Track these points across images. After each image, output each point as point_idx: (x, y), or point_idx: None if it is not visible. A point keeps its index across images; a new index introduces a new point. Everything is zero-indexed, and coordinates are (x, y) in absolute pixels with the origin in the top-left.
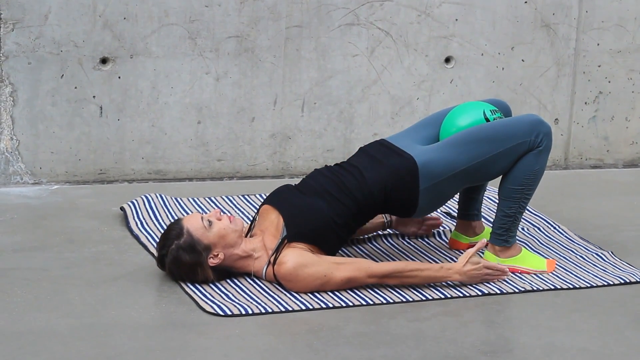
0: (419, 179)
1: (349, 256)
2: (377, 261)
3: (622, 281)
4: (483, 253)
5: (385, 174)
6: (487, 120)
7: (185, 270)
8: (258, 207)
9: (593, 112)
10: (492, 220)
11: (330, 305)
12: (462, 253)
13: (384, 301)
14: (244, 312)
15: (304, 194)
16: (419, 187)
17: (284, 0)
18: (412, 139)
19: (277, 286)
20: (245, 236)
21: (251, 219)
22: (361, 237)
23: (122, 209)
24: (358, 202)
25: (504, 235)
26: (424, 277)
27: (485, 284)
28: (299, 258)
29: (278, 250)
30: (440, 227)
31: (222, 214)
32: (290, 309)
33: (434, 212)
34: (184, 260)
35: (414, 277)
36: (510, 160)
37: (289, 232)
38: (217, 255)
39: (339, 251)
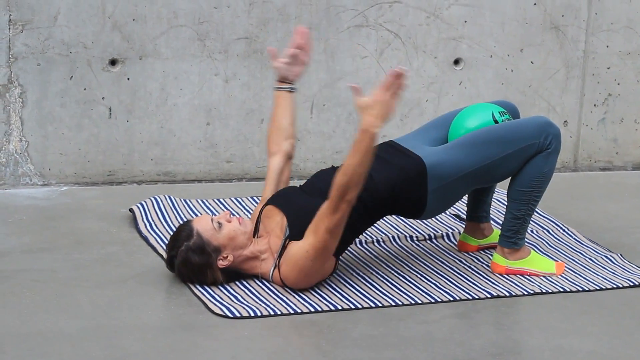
0: (428, 180)
1: (357, 258)
2: (388, 264)
3: (632, 284)
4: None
5: (393, 174)
6: (496, 121)
7: (194, 271)
8: (262, 207)
9: (602, 114)
10: (501, 222)
11: (339, 308)
12: (470, 255)
13: (393, 303)
14: (252, 314)
15: (308, 194)
16: (428, 188)
17: (293, 1)
18: (420, 140)
19: (285, 288)
20: (253, 237)
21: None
22: (370, 239)
23: (131, 210)
24: (364, 202)
25: (513, 238)
26: (359, 159)
27: (495, 286)
28: (288, 255)
29: (281, 253)
30: (449, 230)
31: (231, 215)
32: (298, 311)
33: (443, 214)
34: (193, 261)
35: (355, 169)
36: (519, 162)
37: (292, 232)
38: (227, 257)
39: (346, 252)
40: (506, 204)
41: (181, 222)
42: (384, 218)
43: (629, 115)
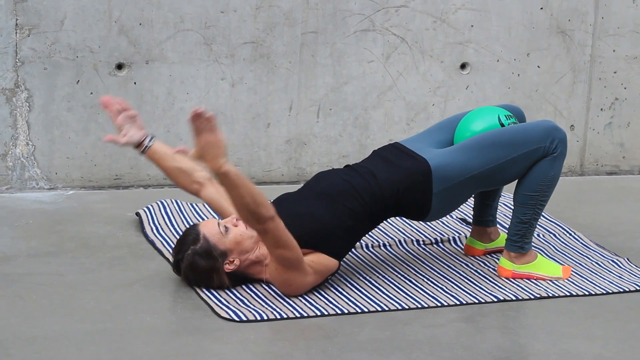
0: (432, 182)
1: (363, 262)
2: (394, 267)
3: (638, 288)
4: None
5: (398, 176)
6: (502, 125)
7: (201, 275)
8: None
9: (609, 118)
10: (507, 226)
11: (345, 311)
12: (476, 259)
13: (399, 307)
14: (258, 318)
15: (304, 198)
16: (432, 191)
17: (299, 6)
18: (426, 142)
19: None
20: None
21: None
22: (376, 243)
23: (137, 214)
24: (367, 204)
25: (519, 242)
26: (236, 194)
27: (501, 290)
28: (269, 272)
29: None
30: (456, 234)
31: (238, 220)
32: (305, 314)
33: (448, 215)
34: (200, 265)
35: (240, 202)
36: (525, 166)
37: None
38: (233, 261)
39: (352, 256)
40: (512, 208)
41: (187, 226)
42: (390, 221)
43: (635, 120)
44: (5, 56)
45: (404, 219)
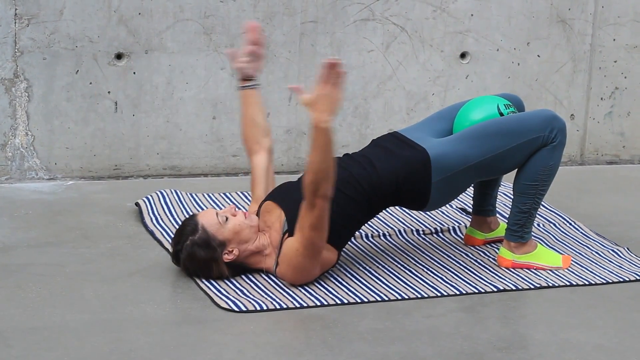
0: (432, 172)
1: (363, 252)
2: (394, 257)
3: (639, 277)
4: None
5: (397, 165)
6: (501, 114)
7: (200, 266)
8: (260, 203)
9: (609, 107)
10: (507, 216)
11: (345, 302)
12: (476, 249)
13: (399, 297)
14: (258, 308)
15: None
16: (432, 180)
17: None
18: (425, 131)
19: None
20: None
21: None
22: (376, 233)
23: (137, 204)
24: (366, 193)
25: (519, 232)
26: (320, 155)
27: (501, 280)
28: (281, 254)
29: (281, 248)
30: (456, 223)
31: (237, 209)
32: (304, 305)
33: (448, 205)
34: (198, 256)
35: (319, 165)
36: (524, 155)
37: (290, 227)
38: (232, 251)
39: (352, 246)
40: (512, 197)
41: (187, 216)
42: (390, 211)
43: (635, 109)
44: (4, 46)
45: (404, 209)
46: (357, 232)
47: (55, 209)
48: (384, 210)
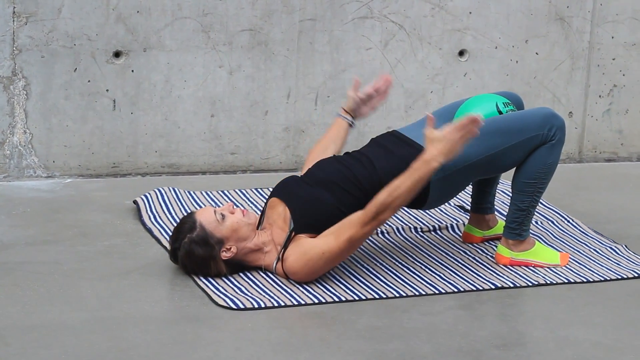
0: None
1: (361, 250)
2: (392, 255)
3: (636, 275)
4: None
5: (396, 164)
6: (500, 112)
7: (198, 263)
8: (266, 199)
9: (607, 105)
10: (505, 213)
11: (343, 299)
12: (475, 246)
13: (397, 295)
14: (256, 306)
15: (309, 185)
16: (430, 179)
17: None
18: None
19: (289, 280)
20: (257, 229)
21: (261, 211)
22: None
23: (135, 202)
24: (367, 192)
25: (517, 229)
26: (410, 186)
27: (499, 277)
28: (297, 248)
29: (286, 245)
30: (454, 221)
31: (235, 207)
32: (303, 302)
33: (447, 205)
34: (196, 253)
35: (400, 197)
36: (523, 154)
37: (296, 224)
38: (230, 248)
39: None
40: (510, 195)
41: (185, 214)
42: None
43: (634, 107)
44: (2, 44)
45: (404, 207)
46: None
47: (53, 206)
48: None
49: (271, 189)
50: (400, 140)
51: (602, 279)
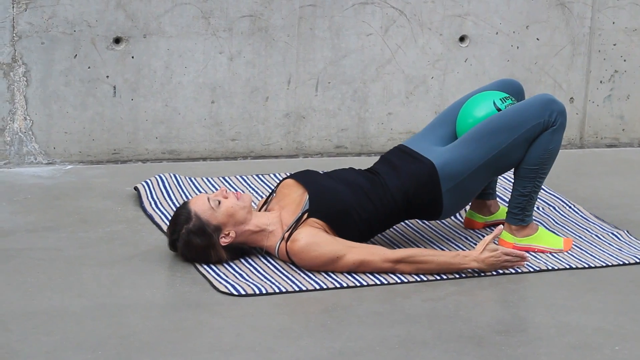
0: (440, 182)
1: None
2: (393, 241)
3: (638, 260)
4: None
5: (405, 180)
6: (498, 109)
7: (198, 253)
8: (279, 180)
9: (608, 90)
10: (507, 200)
11: (344, 285)
12: (476, 232)
13: (398, 280)
14: (257, 292)
15: (333, 179)
16: (442, 190)
17: None
18: (429, 140)
19: (291, 266)
20: (261, 210)
21: (265, 196)
22: None
23: (135, 188)
24: (381, 211)
25: (520, 215)
26: (440, 264)
27: None
28: (312, 237)
29: (296, 224)
30: None
31: (228, 191)
32: (304, 288)
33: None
34: (195, 243)
35: (429, 263)
36: (528, 143)
37: (312, 207)
38: (228, 234)
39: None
40: (512, 181)
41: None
42: None
43: (635, 92)
44: (2, 31)
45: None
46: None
47: (54, 193)
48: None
49: (272, 175)
50: (407, 155)
51: (604, 264)
